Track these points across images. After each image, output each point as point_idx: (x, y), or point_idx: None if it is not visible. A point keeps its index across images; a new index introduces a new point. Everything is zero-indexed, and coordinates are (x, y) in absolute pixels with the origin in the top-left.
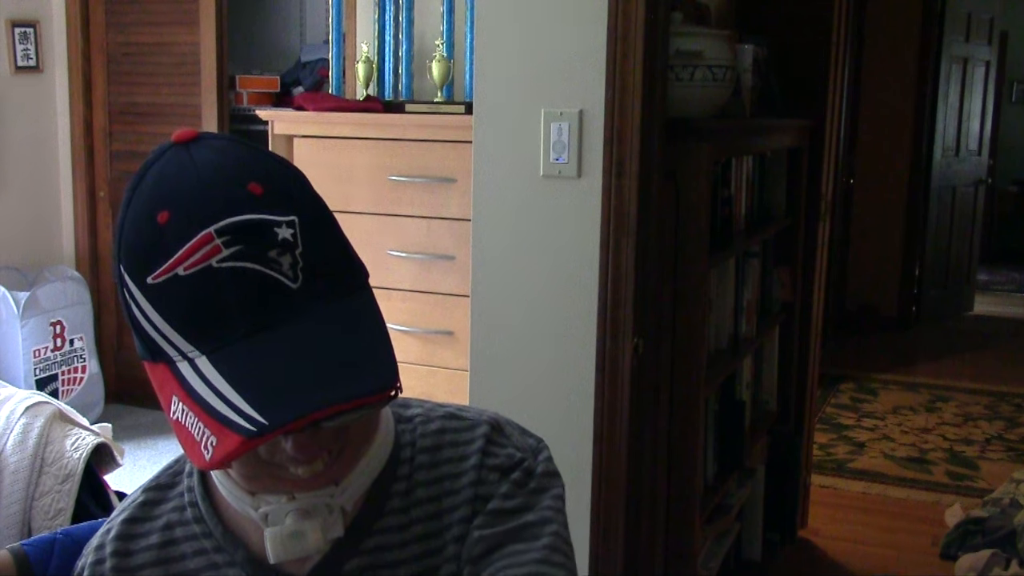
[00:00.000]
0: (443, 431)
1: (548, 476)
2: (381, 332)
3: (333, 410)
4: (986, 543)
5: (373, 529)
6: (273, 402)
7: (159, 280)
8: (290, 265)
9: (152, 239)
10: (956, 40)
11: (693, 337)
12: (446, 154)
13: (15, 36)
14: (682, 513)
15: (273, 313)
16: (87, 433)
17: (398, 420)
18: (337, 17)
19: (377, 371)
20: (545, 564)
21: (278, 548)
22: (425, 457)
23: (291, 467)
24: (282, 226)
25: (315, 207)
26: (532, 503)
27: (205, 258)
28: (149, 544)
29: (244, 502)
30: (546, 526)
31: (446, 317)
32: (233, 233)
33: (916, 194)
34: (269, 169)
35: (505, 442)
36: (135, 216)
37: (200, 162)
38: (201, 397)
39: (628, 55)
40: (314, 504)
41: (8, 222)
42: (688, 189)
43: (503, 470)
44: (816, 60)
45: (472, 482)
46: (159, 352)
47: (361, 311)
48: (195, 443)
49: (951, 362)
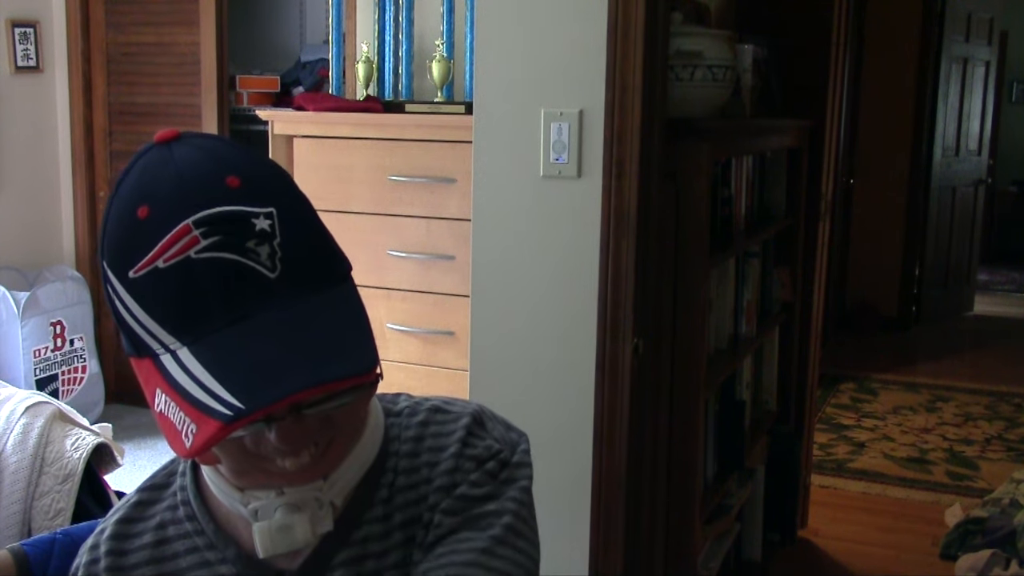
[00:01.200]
0: (427, 423)
1: (519, 467)
2: (360, 321)
3: (308, 393)
4: (986, 543)
5: (360, 521)
6: (250, 387)
7: (140, 273)
8: (268, 255)
9: (133, 234)
10: (956, 40)
11: (693, 337)
12: (446, 154)
13: (15, 36)
14: (682, 513)
15: (252, 302)
16: (87, 433)
17: (388, 415)
18: (337, 17)
19: (355, 356)
20: (486, 554)
21: (266, 542)
22: (408, 447)
23: (278, 459)
24: (259, 217)
25: (294, 200)
26: (497, 492)
27: (183, 250)
28: (143, 543)
29: (234, 499)
30: (502, 517)
31: (446, 317)
32: (210, 224)
33: (916, 194)
34: (248, 164)
35: (485, 434)
36: (117, 212)
37: (179, 159)
38: (182, 387)
39: (628, 55)
40: (303, 498)
41: (8, 222)
42: (688, 189)
43: (480, 460)
44: (816, 60)
45: (449, 470)
46: (143, 346)
47: (341, 302)
48: (177, 432)
49: (951, 362)
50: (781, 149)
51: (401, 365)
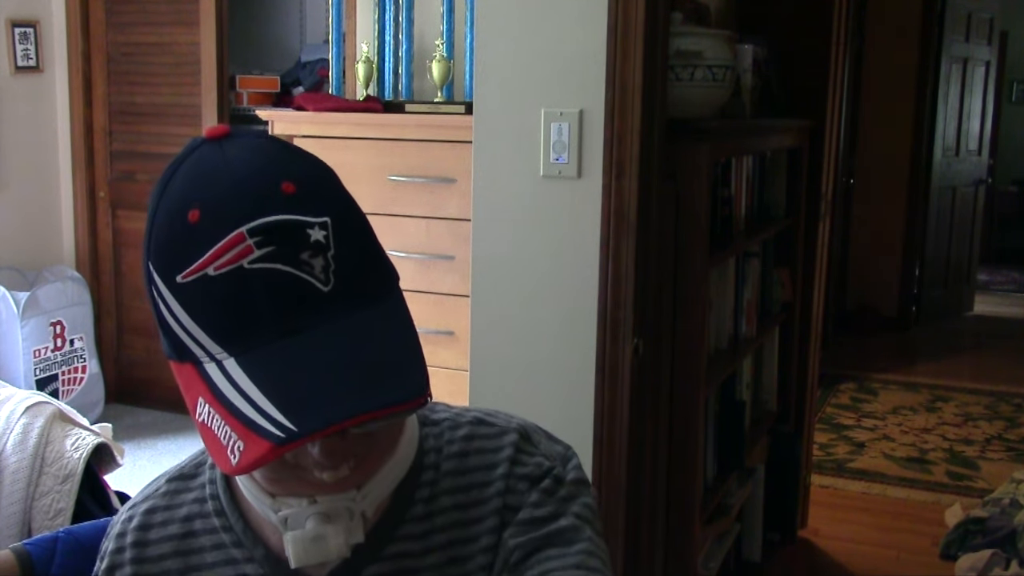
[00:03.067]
0: (471, 437)
1: (577, 484)
2: (412, 337)
3: (364, 418)
4: (986, 543)
5: (395, 536)
6: (303, 408)
7: (188, 279)
8: (322, 268)
9: (183, 237)
10: (956, 40)
11: (693, 337)
12: (446, 154)
13: (15, 36)
14: (682, 513)
15: (304, 317)
16: (87, 433)
17: (423, 423)
18: (337, 17)
19: (408, 378)
20: (582, 569)
21: (300, 552)
22: (452, 464)
23: (316, 472)
24: (315, 227)
25: (347, 208)
26: (562, 510)
27: (236, 259)
28: (169, 534)
29: (264, 503)
30: (580, 531)
31: (446, 317)
32: (265, 234)
33: (916, 194)
34: (302, 168)
35: (533, 450)
36: (166, 213)
37: (232, 159)
38: (228, 400)
39: (628, 55)
40: (335, 508)
41: (8, 222)
42: (688, 189)
43: (532, 479)
44: (816, 60)
45: (500, 491)
46: (186, 352)
47: (392, 316)
48: (222, 447)
49: (951, 362)
50: (781, 149)
51: None
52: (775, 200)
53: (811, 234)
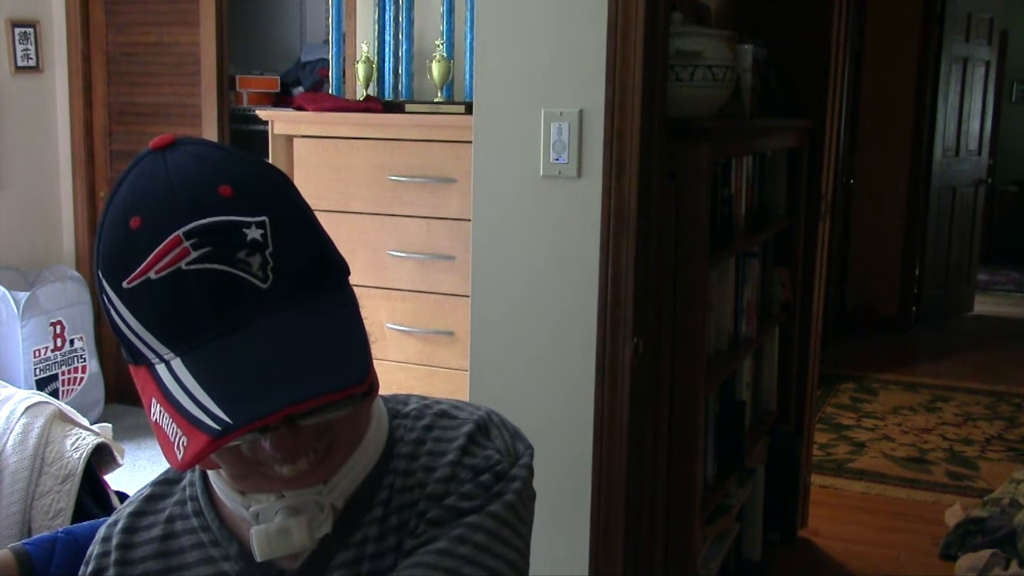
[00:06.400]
0: (430, 427)
1: (511, 480)
2: (355, 329)
3: (297, 408)
4: (986, 543)
5: (359, 523)
6: (239, 401)
7: (133, 284)
8: (260, 265)
9: (125, 244)
10: (956, 40)
11: (693, 337)
12: (446, 154)
13: (15, 36)
14: (682, 513)
15: (243, 313)
16: (87, 433)
17: (395, 416)
18: (337, 17)
19: (345, 367)
20: (446, 556)
21: (264, 545)
22: (407, 449)
23: (275, 466)
24: (251, 227)
25: (290, 207)
26: (484, 506)
27: (174, 261)
28: (152, 536)
29: (236, 501)
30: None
31: (446, 317)
32: (201, 235)
33: (916, 194)
34: (243, 171)
35: (487, 444)
36: (111, 223)
37: (173, 167)
38: (175, 398)
39: (628, 55)
40: (303, 502)
41: (8, 222)
42: (688, 189)
43: (476, 471)
44: (816, 60)
45: (443, 478)
46: (139, 355)
47: (335, 309)
48: (170, 444)
49: (951, 362)
50: (781, 149)
51: (401, 365)
52: (775, 200)
53: (811, 234)
